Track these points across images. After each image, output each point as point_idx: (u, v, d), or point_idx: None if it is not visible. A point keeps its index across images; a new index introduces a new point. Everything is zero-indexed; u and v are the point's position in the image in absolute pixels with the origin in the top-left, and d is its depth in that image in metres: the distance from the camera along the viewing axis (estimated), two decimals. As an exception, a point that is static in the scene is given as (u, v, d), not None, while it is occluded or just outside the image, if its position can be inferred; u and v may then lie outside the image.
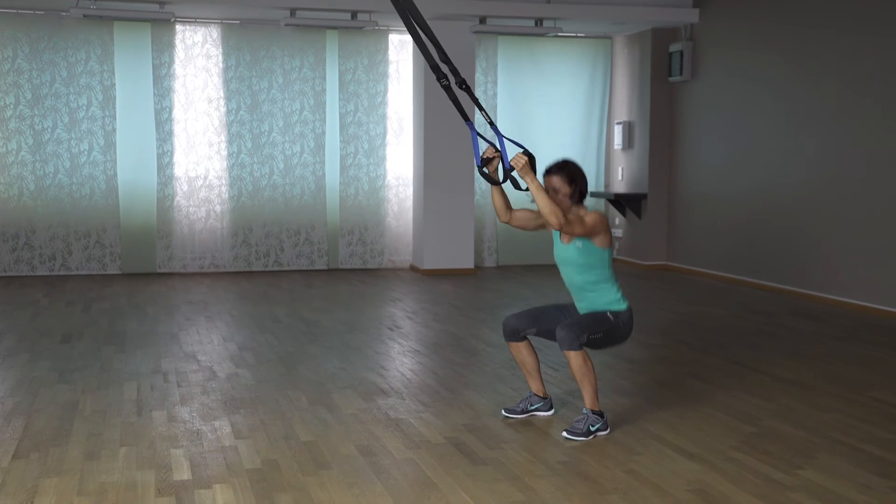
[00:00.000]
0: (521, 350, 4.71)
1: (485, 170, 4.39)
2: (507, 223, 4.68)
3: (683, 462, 4.07)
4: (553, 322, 4.61)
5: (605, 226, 4.43)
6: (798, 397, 5.18)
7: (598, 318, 4.46)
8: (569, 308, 4.67)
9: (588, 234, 4.40)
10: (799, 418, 4.76)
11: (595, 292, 4.50)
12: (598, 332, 4.44)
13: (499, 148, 4.40)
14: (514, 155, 4.34)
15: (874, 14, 7.98)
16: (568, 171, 4.47)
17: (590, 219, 4.40)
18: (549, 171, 4.49)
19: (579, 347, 4.38)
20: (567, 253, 4.52)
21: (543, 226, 4.58)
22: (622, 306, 4.52)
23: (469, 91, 4.44)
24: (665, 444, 4.31)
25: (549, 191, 4.45)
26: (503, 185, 4.46)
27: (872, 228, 8.02)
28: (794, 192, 8.90)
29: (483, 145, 4.52)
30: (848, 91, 8.27)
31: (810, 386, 5.45)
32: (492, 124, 4.39)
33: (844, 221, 8.31)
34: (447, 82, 4.39)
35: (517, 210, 4.63)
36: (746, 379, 5.59)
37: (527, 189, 4.35)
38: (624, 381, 5.50)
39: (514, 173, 4.31)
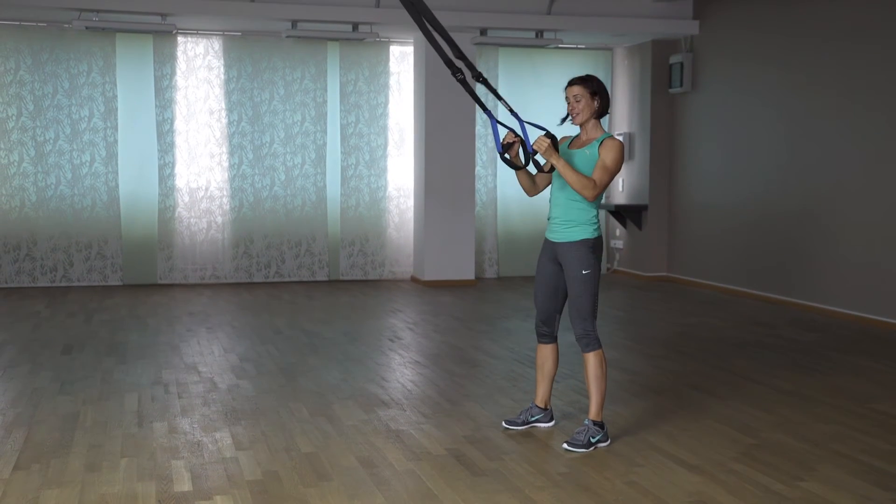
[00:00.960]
0: (546, 353, 4.72)
1: (506, 155, 4.50)
2: (536, 194, 4.75)
3: (684, 474, 4.07)
4: (553, 294, 4.62)
5: (623, 156, 4.49)
6: (799, 409, 5.18)
7: (581, 287, 4.44)
8: (543, 268, 4.63)
9: (616, 175, 4.48)
10: (799, 430, 4.76)
11: (576, 202, 4.48)
12: (594, 294, 4.46)
13: (518, 133, 4.45)
14: (535, 138, 4.43)
15: (873, 25, 8.00)
16: (591, 83, 4.53)
17: (612, 160, 4.42)
18: (572, 82, 4.55)
19: (598, 346, 4.45)
20: (574, 157, 4.51)
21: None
22: (594, 233, 4.50)
23: (487, 83, 4.52)
24: (665, 456, 4.31)
25: (569, 100, 4.53)
26: (534, 158, 4.52)
27: (873, 239, 8.03)
28: (795, 204, 8.91)
29: (503, 133, 4.57)
30: (847, 102, 8.29)
31: (811, 397, 5.45)
32: (512, 111, 4.51)
33: (844, 232, 8.32)
34: (462, 76, 4.45)
35: (540, 182, 4.69)
36: (747, 390, 5.59)
37: (550, 169, 4.51)
38: (624, 392, 5.50)
39: (538, 156, 4.43)
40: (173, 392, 5.44)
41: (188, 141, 10.34)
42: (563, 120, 4.64)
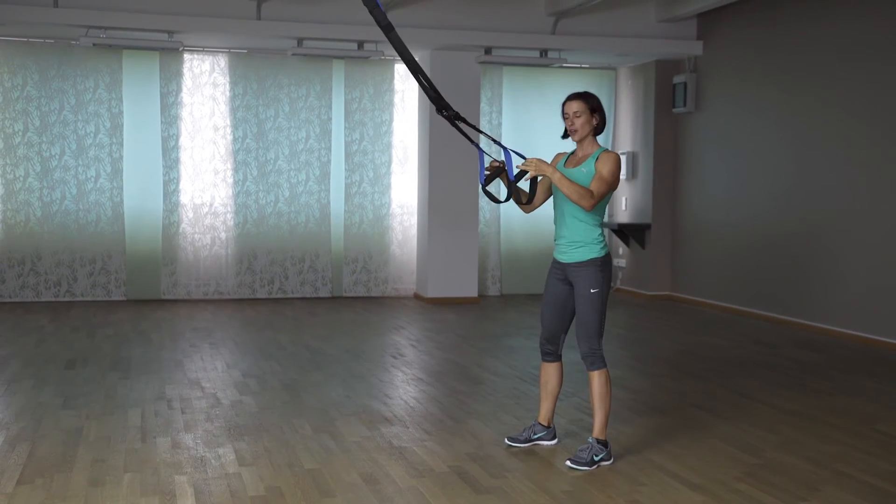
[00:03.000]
0: (550, 371, 4.73)
1: (488, 188, 4.49)
2: (532, 210, 4.73)
3: (687, 493, 4.06)
4: (561, 312, 4.62)
5: (619, 169, 4.50)
6: (802, 429, 5.18)
7: (590, 306, 4.45)
8: (552, 287, 4.63)
9: (613, 186, 4.47)
10: (803, 450, 4.75)
11: (581, 222, 4.49)
12: (601, 313, 4.46)
13: (501, 161, 4.48)
14: (519, 164, 4.44)
15: (876, 44, 8.04)
16: (590, 100, 4.55)
17: (608, 171, 4.43)
18: (571, 98, 4.57)
19: (603, 364, 4.46)
20: (570, 175, 4.51)
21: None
22: (601, 252, 4.50)
23: (465, 122, 4.46)
24: (668, 475, 4.30)
25: (568, 116, 4.54)
26: (517, 185, 4.51)
27: (876, 259, 8.03)
28: (798, 223, 8.92)
29: (488, 161, 4.58)
30: (851, 122, 8.31)
31: (814, 418, 5.44)
32: (495, 141, 4.56)
33: (848, 252, 8.32)
34: (447, 114, 4.44)
35: (537, 198, 4.67)
36: (750, 410, 5.59)
37: (529, 200, 4.54)
38: (627, 411, 5.50)
39: (528, 175, 4.41)
40: (177, 407, 5.44)
41: (193, 157, 10.38)
42: (565, 135, 4.65)
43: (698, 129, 10.48)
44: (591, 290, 4.46)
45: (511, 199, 4.55)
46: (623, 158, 11.35)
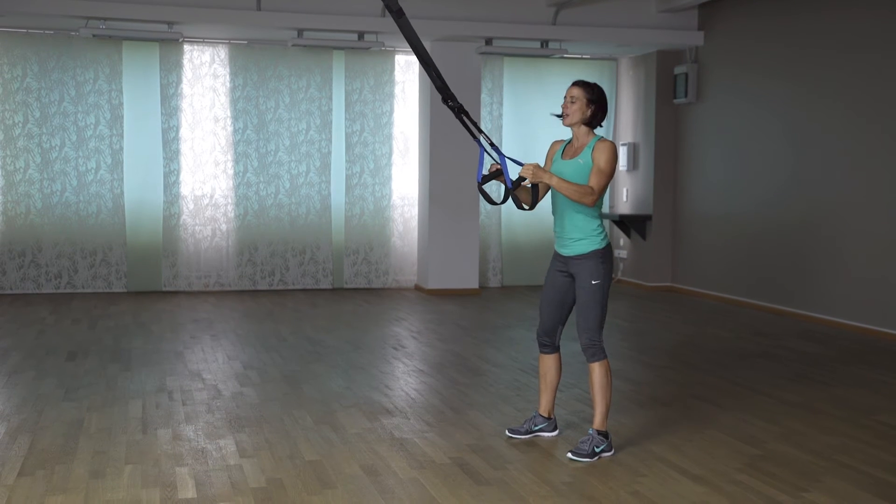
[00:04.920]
0: (549, 363, 4.72)
1: (483, 188, 4.49)
2: (532, 208, 4.68)
3: (688, 484, 4.06)
4: (560, 303, 4.61)
5: (617, 158, 4.47)
6: (803, 420, 5.18)
7: (591, 298, 4.44)
8: (553, 277, 4.62)
9: (612, 176, 4.45)
10: (804, 441, 4.75)
11: (580, 214, 4.47)
12: (603, 306, 4.46)
13: (500, 164, 4.47)
14: (518, 171, 4.42)
15: (877, 35, 8.01)
16: (592, 90, 4.53)
17: (605, 162, 4.40)
18: (576, 83, 4.56)
19: (603, 356, 4.45)
20: (566, 167, 4.50)
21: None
22: (602, 243, 4.49)
23: (468, 117, 4.49)
24: (669, 466, 4.30)
25: (566, 97, 4.52)
26: (519, 182, 4.48)
27: (877, 250, 8.02)
28: (799, 214, 8.91)
29: (488, 163, 4.58)
30: (851, 113, 8.30)
31: (815, 409, 5.44)
32: (493, 145, 4.49)
33: (849, 243, 8.31)
34: (452, 104, 4.44)
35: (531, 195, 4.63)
36: (751, 401, 5.59)
37: (532, 206, 4.49)
38: (628, 403, 5.50)
39: (528, 182, 4.38)
40: (177, 399, 5.45)
41: (193, 149, 10.36)
42: (557, 115, 4.61)
43: (699, 119, 10.46)
44: (593, 282, 4.45)
45: (508, 201, 4.53)
46: (624, 149, 11.34)
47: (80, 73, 9.97)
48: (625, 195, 11.45)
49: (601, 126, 4.64)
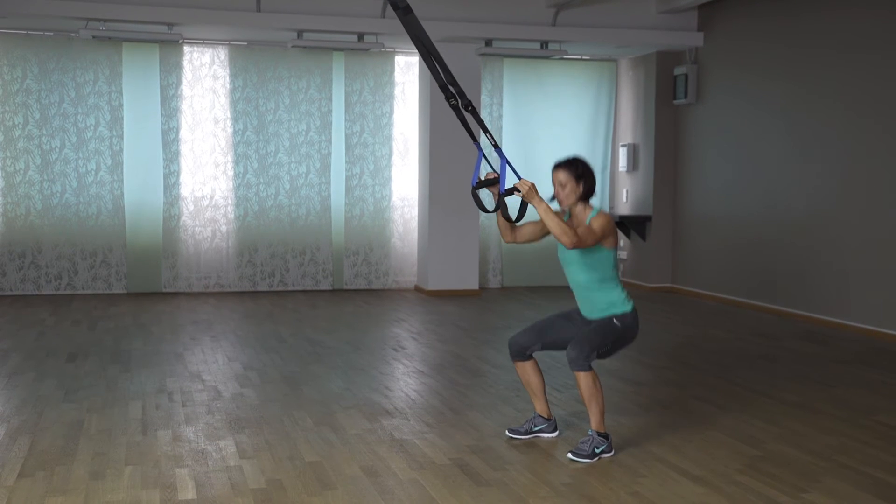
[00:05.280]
0: (527, 370, 4.71)
1: (477, 192, 4.45)
2: (512, 242, 4.69)
3: (688, 485, 4.06)
4: (558, 333, 4.62)
5: (612, 228, 4.44)
6: (803, 421, 5.18)
7: (604, 329, 4.44)
8: (573, 315, 4.66)
9: (599, 241, 4.41)
10: (804, 442, 4.75)
11: (599, 291, 4.49)
12: (607, 345, 4.44)
13: (498, 171, 4.43)
14: (514, 182, 4.36)
15: (877, 36, 8.02)
16: (576, 167, 4.46)
17: (598, 226, 4.39)
18: (558, 166, 4.49)
19: (588, 368, 4.39)
20: (572, 253, 4.51)
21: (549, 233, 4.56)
22: (627, 307, 4.50)
23: (475, 113, 4.45)
24: (669, 467, 4.30)
25: (555, 185, 4.48)
26: (504, 201, 4.45)
27: (877, 251, 8.02)
28: (799, 215, 8.91)
29: (486, 170, 4.56)
30: (852, 113, 8.30)
31: (815, 409, 5.44)
32: (496, 147, 4.43)
33: (849, 244, 8.32)
34: (456, 102, 4.43)
35: (522, 226, 4.63)
36: (751, 402, 5.59)
37: (517, 220, 4.42)
38: (628, 403, 5.50)
39: (519, 196, 4.33)
40: (177, 400, 5.45)
41: (193, 150, 10.37)
42: (552, 199, 4.52)
43: (699, 120, 10.46)
44: (614, 320, 4.45)
45: (498, 212, 4.47)
46: (624, 150, 11.34)
47: (79, 75, 9.98)
48: (625, 196, 11.45)
49: (594, 195, 4.55)
